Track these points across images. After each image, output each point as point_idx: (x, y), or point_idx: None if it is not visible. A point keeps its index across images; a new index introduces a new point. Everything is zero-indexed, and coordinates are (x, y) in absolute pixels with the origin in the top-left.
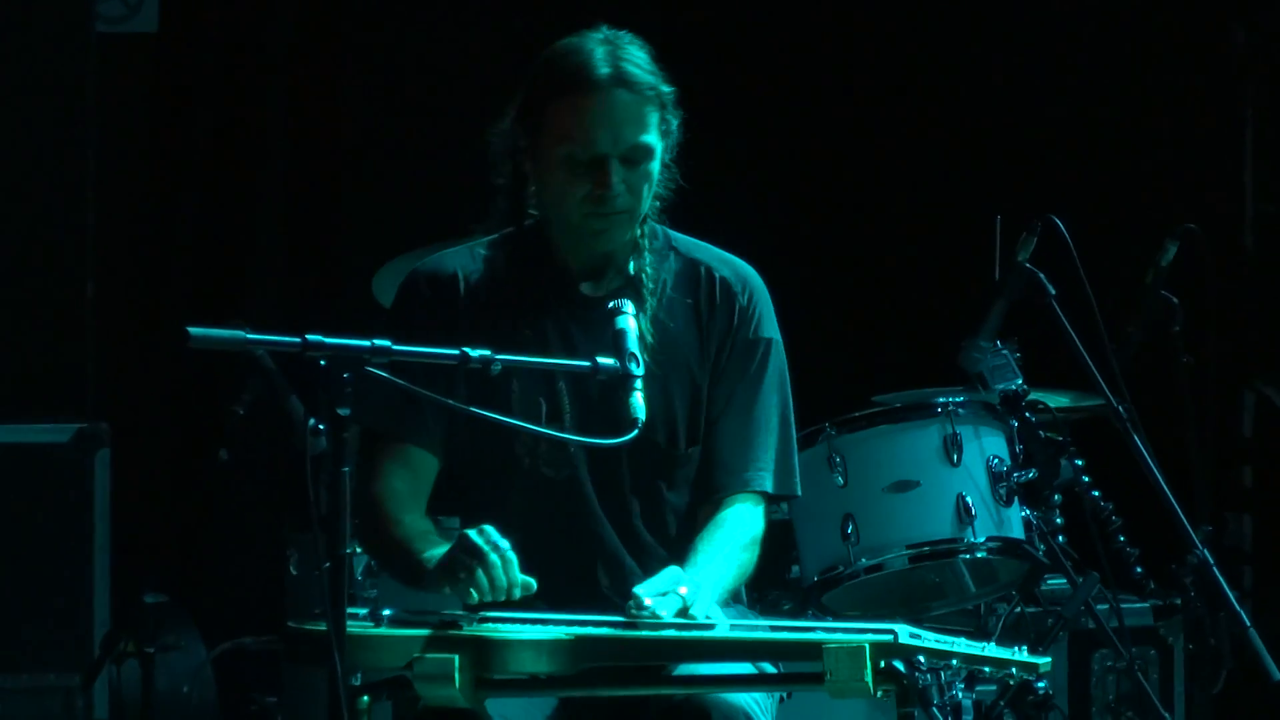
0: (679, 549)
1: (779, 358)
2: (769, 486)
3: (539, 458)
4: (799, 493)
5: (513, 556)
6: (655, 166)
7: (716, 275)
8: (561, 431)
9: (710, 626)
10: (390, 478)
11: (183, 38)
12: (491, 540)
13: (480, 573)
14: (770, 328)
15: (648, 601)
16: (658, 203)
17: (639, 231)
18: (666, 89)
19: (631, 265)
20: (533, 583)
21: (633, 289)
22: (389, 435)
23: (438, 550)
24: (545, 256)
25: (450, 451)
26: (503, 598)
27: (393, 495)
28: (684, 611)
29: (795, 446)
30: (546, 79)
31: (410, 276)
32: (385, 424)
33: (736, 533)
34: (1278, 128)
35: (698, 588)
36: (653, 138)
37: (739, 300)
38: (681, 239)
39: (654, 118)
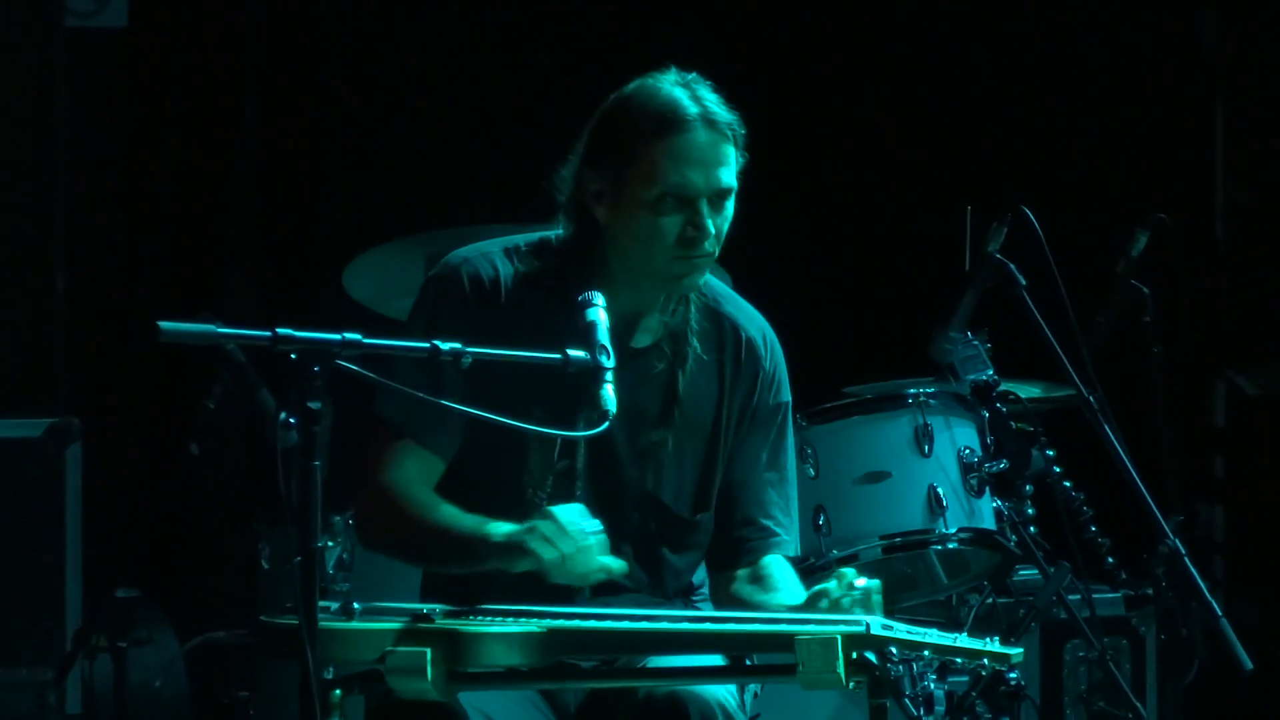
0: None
1: (791, 419)
2: (795, 551)
3: (544, 494)
4: (800, 554)
5: (605, 538)
6: (732, 206)
7: (743, 335)
8: (562, 432)
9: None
10: (403, 468)
11: (153, 32)
12: (577, 522)
13: (567, 554)
14: (787, 390)
15: (860, 582)
16: None
17: None
18: (741, 129)
19: (677, 317)
20: (623, 564)
21: (671, 343)
22: (406, 432)
23: (498, 526)
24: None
25: (456, 469)
26: (590, 582)
27: (410, 482)
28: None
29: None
30: (632, 122)
31: (453, 267)
32: (406, 422)
33: (794, 576)
34: (1248, 117)
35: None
36: (733, 178)
37: (763, 364)
38: (709, 283)
39: (733, 157)
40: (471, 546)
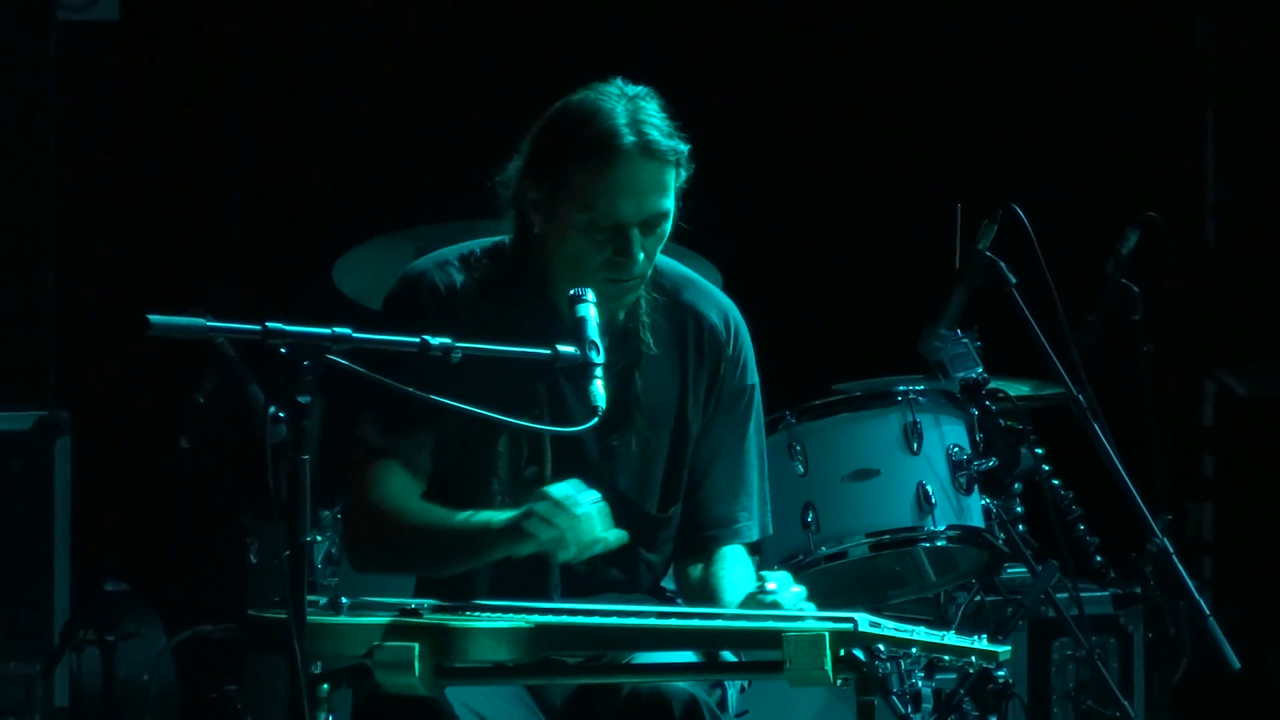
0: (649, 600)
1: (759, 402)
2: (755, 536)
3: (513, 500)
4: (771, 531)
5: (605, 506)
6: (669, 226)
7: (704, 323)
8: (540, 428)
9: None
10: (387, 486)
11: (144, 26)
12: (574, 495)
13: (565, 529)
14: (753, 373)
15: (770, 586)
16: None
17: None
18: (684, 148)
19: (627, 315)
20: (623, 534)
21: (625, 341)
22: (385, 453)
23: (497, 514)
24: (539, 303)
25: (428, 485)
26: (598, 550)
27: (395, 497)
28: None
29: (768, 485)
30: (568, 140)
31: (410, 282)
32: (382, 441)
33: (747, 573)
34: (1238, 116)
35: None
36: (670, 202)
37: (726, 350)
38: (667, 269)
39: (672, 180)
40: (475, 538)
